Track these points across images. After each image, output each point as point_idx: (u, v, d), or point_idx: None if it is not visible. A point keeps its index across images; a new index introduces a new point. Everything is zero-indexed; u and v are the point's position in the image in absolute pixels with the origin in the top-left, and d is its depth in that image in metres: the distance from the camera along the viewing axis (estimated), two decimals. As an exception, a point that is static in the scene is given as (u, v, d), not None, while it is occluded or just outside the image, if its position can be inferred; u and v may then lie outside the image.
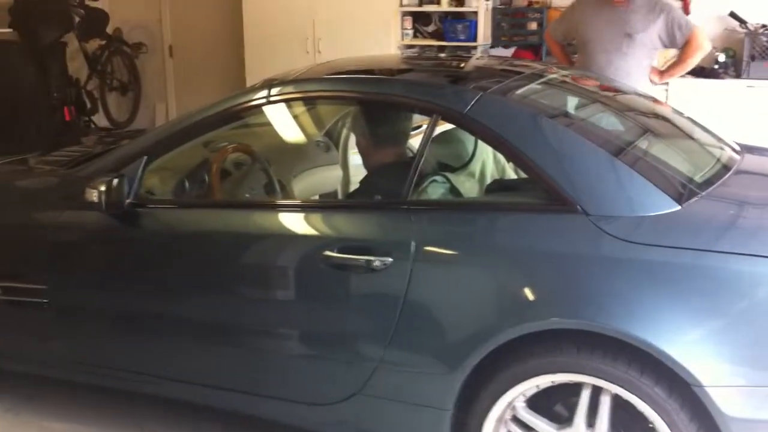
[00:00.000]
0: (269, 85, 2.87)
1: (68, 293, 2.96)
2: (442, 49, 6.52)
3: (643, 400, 2.15)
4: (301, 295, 2.64)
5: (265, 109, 2.89)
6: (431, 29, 6.73)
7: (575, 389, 2.25)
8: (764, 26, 5.92)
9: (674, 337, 2.10)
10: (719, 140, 3.05)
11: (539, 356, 2.25)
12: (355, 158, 3.40)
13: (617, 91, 3.37)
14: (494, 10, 6.59)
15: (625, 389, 2.16)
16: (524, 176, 2.55)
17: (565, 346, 2.22)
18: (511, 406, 2.33)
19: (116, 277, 2.93)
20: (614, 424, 2.23)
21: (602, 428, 2.22)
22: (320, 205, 3.12)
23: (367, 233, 2.56)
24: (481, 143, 2.90)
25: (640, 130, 2.88)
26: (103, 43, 7.68)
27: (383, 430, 2.57)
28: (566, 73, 3.30)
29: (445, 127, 2.81)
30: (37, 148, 4.32)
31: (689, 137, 3.04)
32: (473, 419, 2.38)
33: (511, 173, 3.03)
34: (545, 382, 2.27)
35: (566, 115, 2.85)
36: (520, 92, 2.77)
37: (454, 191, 2.73)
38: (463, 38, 6.47)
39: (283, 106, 2.96)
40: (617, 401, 2.21)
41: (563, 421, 2.31)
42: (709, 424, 2.10)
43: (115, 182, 2.72)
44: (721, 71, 5.93)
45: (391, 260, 2.41)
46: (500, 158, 3.02)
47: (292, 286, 2.66)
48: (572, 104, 3.01)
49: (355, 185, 3.25)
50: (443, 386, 2.37)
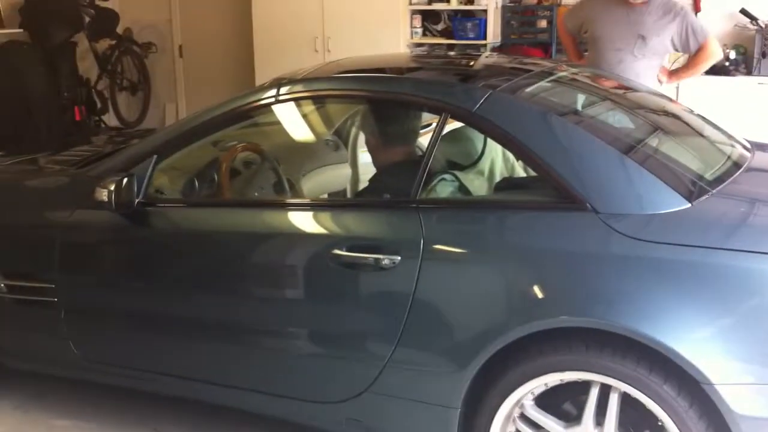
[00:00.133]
0: (278, 84, 2.87)
1: (77, 292, 2.98)
2: (451, 47, 6.51)
3: (651, 398, 2.14)
4: (310, 293, 2.65)
5: (274, 108, 2.90)
6: (440, 27, 6.72)
7: (584, 387, 2.25)
8: (775, 23, 5.88)
9: (684, 334, 2.09)
10: (729, 137, 3.03)
11: (548, 354, 2.25)
12: (364, 157, 3.40)
13: (627, 88, 3.36)
14: (504, 8, 6.57)
15: (633, 387, 2.16)
16: (533, 174, 2.55)
17: (574, 344, 2.22)
18: (519, 404, 2.33)
19: (125, 276, 2.95)
20: (623, 422, 2.23)
21: (610, 426, 2.22)
22: (329, 203, 3.13)
23: (376, 232, 2.56)
24: (490, 141, 2.90)
25: (650, 127, 2.87)
26: (113, 43, 7.69)
27: (392, 428, 2.57)
28: (576, 70, 3.29)
29: (454, 125, 2.80)
30: (47, 147, 4.34)
31: (699, 134, 3.02)
32: (482, 417, 2.38)
33: (520, 171, 3.02)
34: (554, 380, 2.27)
35: (576, 112, 2.83)
36: (529, 90, 2.77)
37: (463, 189, 2.73)
38: (472, 36, 6.46)
39: (292, 105, 2.97)
40: (626, 399, 2.20)
41: (572, 419, 2.31)
42: (718, 422, 2.10)
43: (124, 182, 2.73)
44: (731, 68, 5.90)
45: (399, 259, 2.41)
46: (509, 156, 3.01)
47: (301, 284, 2.67)
48: (582, 102, 3.00)
49: (364, 184, 3.25)
50: (452, 384, 2.37)
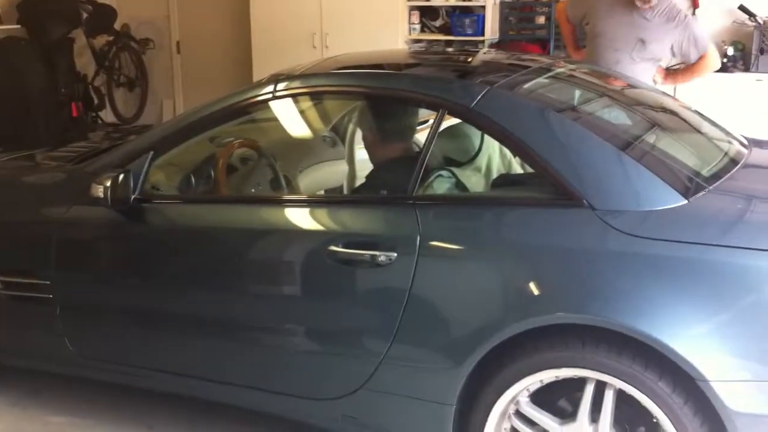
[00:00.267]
0: (275, 80, 2.86)
1: (73, 288, 2.97)
2: (449, 43, 6.51)
3: (646, 394, 2.14)
4: (306, 290, 2.64)
5: (271, 104, 2.89)
6: (438, 24, 6.71)
7: (579, 384, 2.25)
8: (773, 20, 5.88)
9: (679, 331, 2.09)
10: (727, 134, 3.03)
11: (544, 351, 2.25)
12: (361, 153, 3.40)
13: (625, 85, 3.35)
14: (502, 4, 6.56)
15: (629, 384, 2.15)
16: (530, 171, 2.54)
17: (570, 340, 2.22)
18: (515, 400, 2.33)
19: (121, 272, 2.94)
20: (618, 419, 2.23)
21: (606, 423, 2.21)
22: (326, 200, 3.12)
23: (372, 228, 2.56)
24: (487, 138, 2.90)
25: (647, 124, 2.87)
26: (110, 39, 7.69)
27: (387, 424, 2.57)
28: (573, 67, 3.28)
29: (451, 121, 2.80)
30: (45, 144, 4.33)
31: (697, 131, 3.02)
32: (477, 414, 2.38)
33: (517, 168, 3.02)
34: (549, 376, 2.26)
35: (573, 109, 2.83)
36: (527, 86, 2.76)
37: (459, 186, 2.73)
38: (470, 32, 6.46)
39: (289, 101, 2.96)
40: (621, 396, 2.20)
41: (567, 416, 2.31)
42: (713, 419, 2.10)
43: (120, 178, 2.72)
44: (729, 65, 5.90)
45: (396, 255, 2.40)
46: (506, 153, 3.01)
47: (297, 281, 2.66)
48: (579, 98, 2.99)
49: (361, 180, 3.25)
50: (448, 381, 2.37)
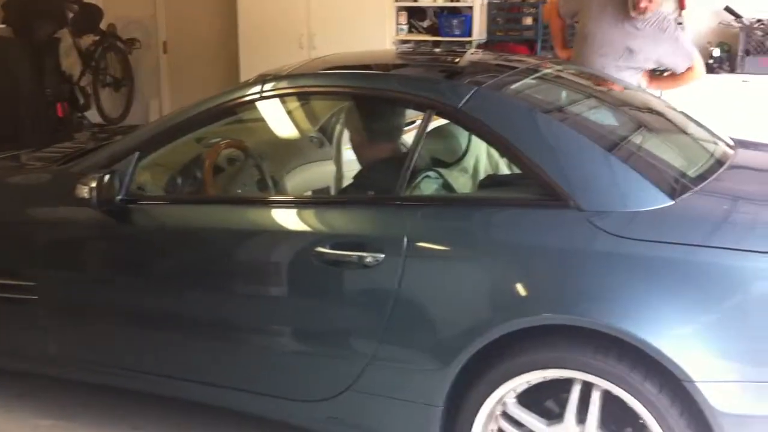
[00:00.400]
0: (263, 80, 2.86)
1: (58, 290, 2.95)
2: (437, 44, 6.51)
3: (632, 395, 2.14)
4: (293, 291, 2.63)
5: (258, 104, 2.88)
6: (426, 24, 6.72)
7: (566, 385, 2.25)
8: (759, 21, 5.91)
9: (665, 332, 2.09)
10: (713, 135, 3.04)
11: (531, 352, 2.25)
12: (348, 154, 3.39)
13: (612, 86, 3.36)
14: (489, 5, 6.58)
15: (615, 385, 2.15)
16: (518, 171, 2.55)
17: (556, 341, 2.22)
18: (501, 402, 2.32)
19: (107, 273, 2.93)
20: (605, 420, 2.23)
21: (592, 424, 2.22)
22: (313, 201, 3.11)
23: (359, 229, 2.55)
24: (474, 138, 2.90)
25: (633, 125, 2.88)
26: (96, 38, 7.65)
27: (374, 426, 2.56)
28: (561, 67, 3.28)
29: (439, 122, 2.80)
30: (31, 144, 4.30)
31: (683, 132, 3.03)
32: (464, 415, 2.37)
33: (504, 168, 3.02)
34: (536, 378, 2.26)
35: (560, 110, 2.84)
36: (514, 87, 2.77)
37: (447, 187, 2.73)
38: (458, 33, 6.46)
39: (276, 101, 2.96)
40: (608, 397, 2.20)
41: (554, 417, 2.31)
42: (699, 419, 2.10)
43: (106, 179, 2.70)
44: (716, 66, 5.93)
45: (383, 256, 2.40)
46: (493, 153, 3.01)
47: (284, 282, 2.65)
48: (567, 99, 3.00)
49: (348, 181, 3.24)
50: (434, 382, 2.37)
